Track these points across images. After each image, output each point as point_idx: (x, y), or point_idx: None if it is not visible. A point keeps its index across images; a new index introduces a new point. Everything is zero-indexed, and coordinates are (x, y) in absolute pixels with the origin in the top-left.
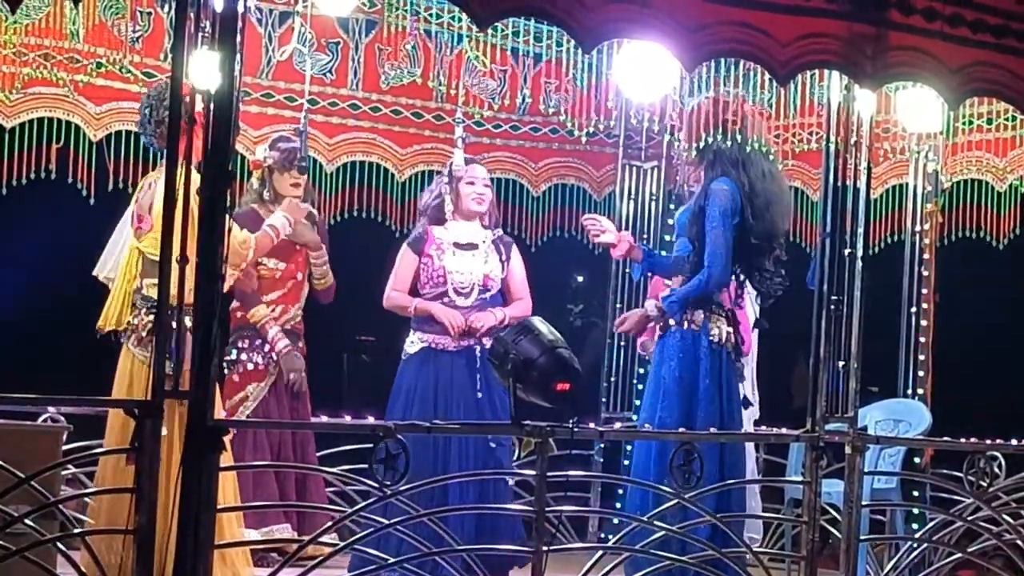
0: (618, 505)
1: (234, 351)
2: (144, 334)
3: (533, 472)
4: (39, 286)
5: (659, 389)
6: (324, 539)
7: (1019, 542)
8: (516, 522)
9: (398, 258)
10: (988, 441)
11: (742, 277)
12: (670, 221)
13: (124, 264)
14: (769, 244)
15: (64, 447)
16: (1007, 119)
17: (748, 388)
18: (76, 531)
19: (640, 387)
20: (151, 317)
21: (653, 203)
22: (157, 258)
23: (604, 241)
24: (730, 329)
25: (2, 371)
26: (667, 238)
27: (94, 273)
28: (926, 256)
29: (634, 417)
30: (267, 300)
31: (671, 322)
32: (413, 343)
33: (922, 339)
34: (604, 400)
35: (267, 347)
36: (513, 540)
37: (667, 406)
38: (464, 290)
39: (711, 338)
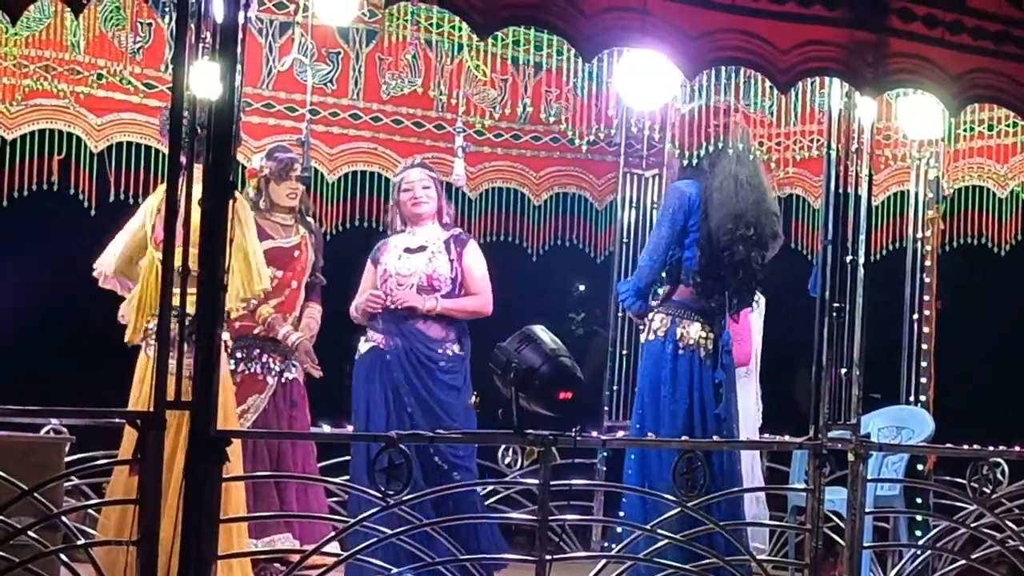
0: (621, 514)
1: (232, 362)
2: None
3: (536, 481)
4: (41, 297)
5: (637, 398)
6: (326, 549)
7: (1022, 549)
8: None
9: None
10: (991, 447)
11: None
12: None
13: (144, 275)
14: (717, 251)
15: (67, 458)
16: (1008, 125)
17: (752, 397)
18: (79, 543)
19: None
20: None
21: (654, 211)
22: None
23: None
24: (705, 334)
25: (4, 382)
26: None
27: (94, 266)
28: (928, 263)
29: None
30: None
31: (644, 330)
32: (363, 343)
33: (924, 346)
34: (606, 408)
35: (265, 356)
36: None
37: (639, 415)
38: (404, 288)
39: (676, 344)
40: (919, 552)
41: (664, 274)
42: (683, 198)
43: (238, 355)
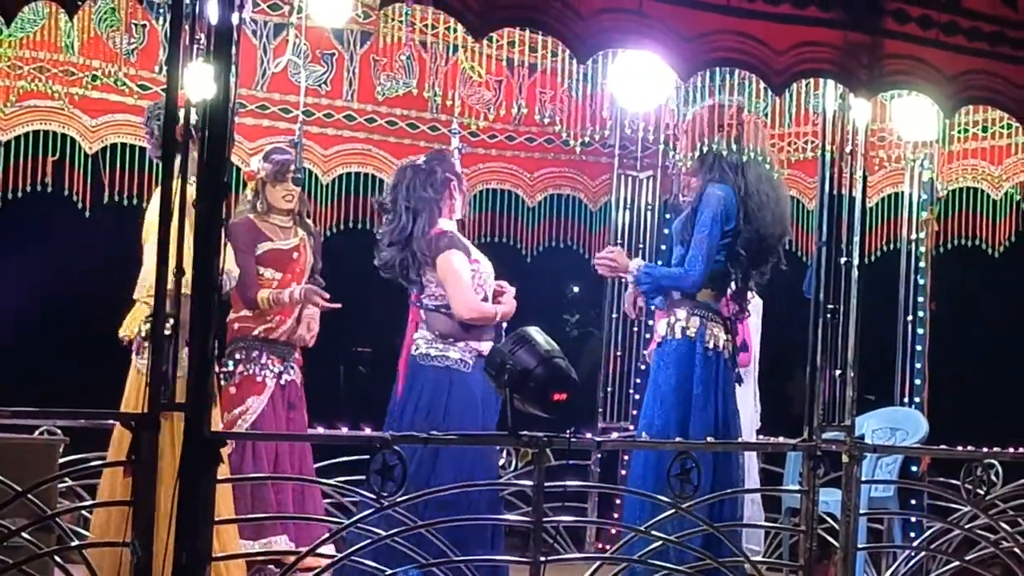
0: (616, 515)
1: (231, 363)
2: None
3: (530, 483)
4: (35, 299)
5: (656, 397)
6: (321, 550)
7: (1017, 550)
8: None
9: (456, 264)
10: (985, 449)
11: (742, 286)
12: (666, 231)
13: (141, 279)
14: (759, 252)
15: (61, 460)
16: (1002, 127)
17: (750, 399)
18: (73, 544)
19: (637, 397)
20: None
21: (649, 213)
22: None
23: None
24: (727, 337)
25: (1, 383)
26: (663, 247)
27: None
28: (922, 264)
29: (631, 427)
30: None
31: (664, 328)
32: (467, 352)
33: (918, 347)
34: (601, 410)
35: (264, 358)
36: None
37: (664, 414)
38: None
39: (706, 345)
40: (913, 553)
41: None
42: (725, 203)
43: (237, 356)
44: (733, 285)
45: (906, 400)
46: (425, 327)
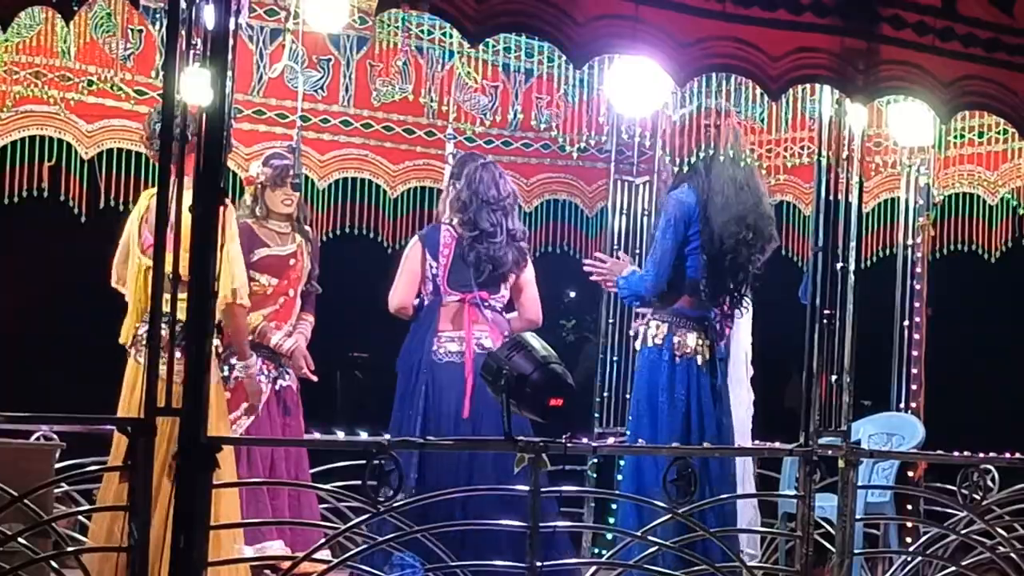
0: (611, 520)
1: (226, 368)
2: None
3: (526, 488)
4: (31, 303)
5: (632, 405)
6: (317, 555)
7: (1013, 555)
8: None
9: None
10: (981, 454)
11: (718, 290)
12: None
13: (133, 281)
14: (720, 255)
15: (57, 465)
16: (998, 132)
17: (744, 404)
18: (70, 549)
19: None
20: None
21: (645, 218)
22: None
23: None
24: (702, 342)
25: None
26: None
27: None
28: (918, 270)
29: (627, 432)
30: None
31: (641, 336)
32: None
33: (915, 352)
34: (597, 415)
35: (260, 363)
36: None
37: (635, 423)
38: None
39: (674, 352)
40: (909, 559)
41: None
42: (682, 207)
43: (231, 361)
44: (709, 289)
45: (902, 405)
46: (489, 327)
